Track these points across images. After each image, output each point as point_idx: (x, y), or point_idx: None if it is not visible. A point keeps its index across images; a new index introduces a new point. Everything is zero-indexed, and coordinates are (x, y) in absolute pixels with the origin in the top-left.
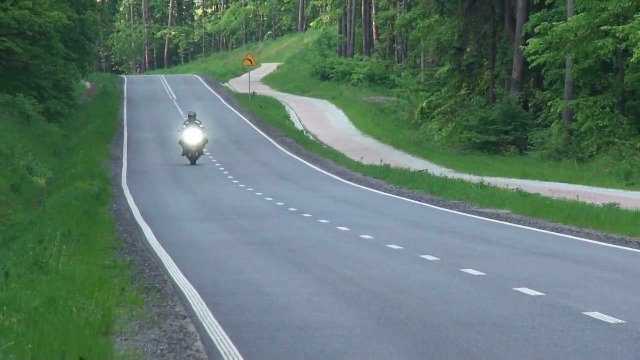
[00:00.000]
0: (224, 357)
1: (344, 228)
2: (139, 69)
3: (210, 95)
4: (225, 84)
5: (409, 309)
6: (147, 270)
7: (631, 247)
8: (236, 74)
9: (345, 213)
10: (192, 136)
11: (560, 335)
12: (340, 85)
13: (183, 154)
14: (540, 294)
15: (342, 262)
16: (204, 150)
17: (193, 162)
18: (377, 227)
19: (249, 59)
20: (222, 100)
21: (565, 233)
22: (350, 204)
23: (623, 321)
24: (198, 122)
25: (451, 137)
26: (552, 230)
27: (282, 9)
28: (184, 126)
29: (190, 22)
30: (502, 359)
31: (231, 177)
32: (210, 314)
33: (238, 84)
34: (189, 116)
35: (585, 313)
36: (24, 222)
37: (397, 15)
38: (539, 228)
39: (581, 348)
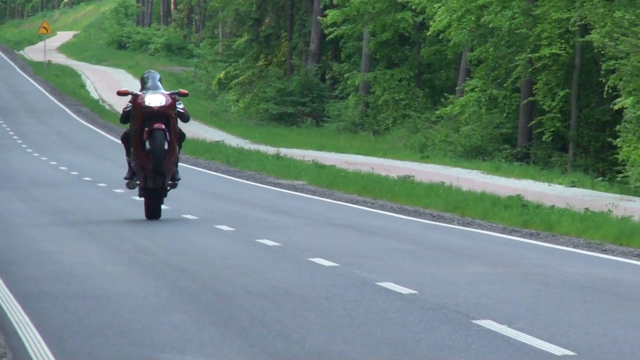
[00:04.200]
0: (15, 326)
1: (139, 198)
2: None
3: (5, 63)
4: (21, 52)
5: (203, 278)
6: None
7: (424, 219)
8: (32, 42)
9: None
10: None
11: (353, 305)
12: (137, 55)
13: (131, 173)
14: (334, 264)
15: (138, 232)
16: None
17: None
18: (172, 197)
19: (44, 27)
20: (17, 69)
21: (361, 205)
22: None
23: (415, 292)
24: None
25: (248, 109)
26: (347, 202)
27: None
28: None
29: None
30: (296, 328)
31: (25, 145)
32: (1, 282)
33: (34, 53)
34: (145, 79)
35: (378, 284)
36: None
37: None
38: (335, 199)
39: (374, 318)
